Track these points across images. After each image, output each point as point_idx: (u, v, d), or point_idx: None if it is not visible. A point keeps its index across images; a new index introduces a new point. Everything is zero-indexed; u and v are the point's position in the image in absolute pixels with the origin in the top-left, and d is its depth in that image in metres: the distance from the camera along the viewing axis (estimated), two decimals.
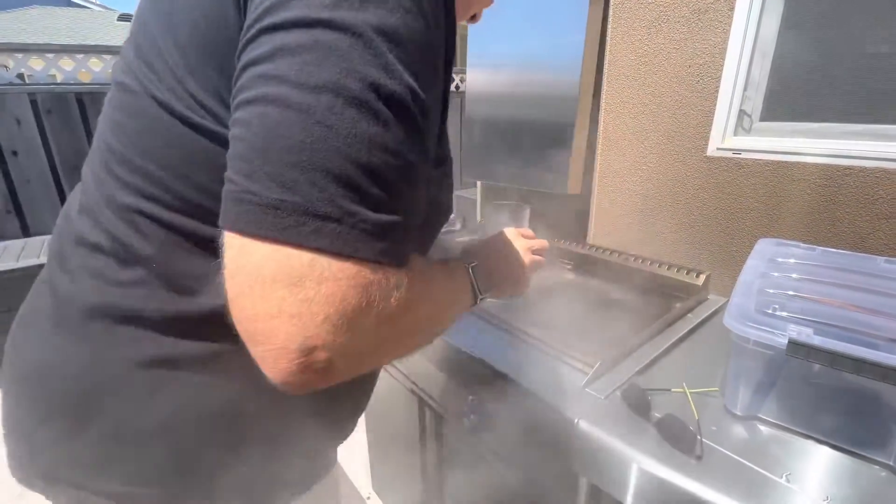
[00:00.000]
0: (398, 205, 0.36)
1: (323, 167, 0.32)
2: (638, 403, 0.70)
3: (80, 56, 3.39)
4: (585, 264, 1.32)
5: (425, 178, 0.41)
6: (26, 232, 3.26)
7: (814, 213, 1.06)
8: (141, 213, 0.45)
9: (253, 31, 0.35)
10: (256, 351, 0.35)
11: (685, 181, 1.26)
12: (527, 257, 0.72)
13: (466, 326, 0.95)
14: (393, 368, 1.27)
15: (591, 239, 1.56)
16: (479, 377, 0.85)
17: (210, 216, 0.38)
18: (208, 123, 0.41)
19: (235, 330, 0.35)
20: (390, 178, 0.35)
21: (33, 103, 3.14)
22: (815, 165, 1.04)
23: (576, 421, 0.69)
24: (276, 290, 0.32)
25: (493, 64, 1.64)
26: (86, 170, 0.53)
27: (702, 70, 1.17)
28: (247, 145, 0.34)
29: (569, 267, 1.34)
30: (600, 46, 1.37)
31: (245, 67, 0.35)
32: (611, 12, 1.33)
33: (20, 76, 3.17)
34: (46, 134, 3.22)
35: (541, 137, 1.51)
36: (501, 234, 0.74)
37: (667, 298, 1.11)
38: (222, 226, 0.35)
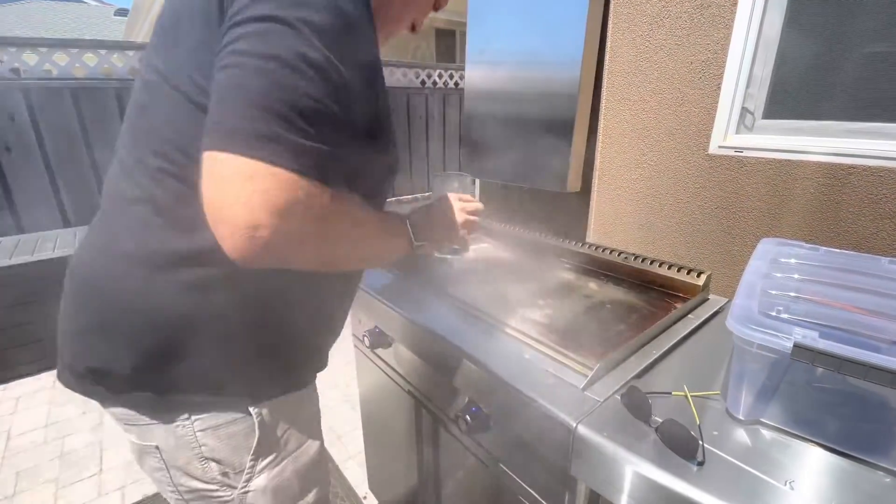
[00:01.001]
0: (321, 138, 0.52)
1: (267, 107, 0.49)
2: (638, 407, 0.69)
3: (74, 51, 3.35)
4: (584, 263, 1.30)
5: (352, 130, 0.58)
6: (20, 229, 3.23)
7: (817, 213, 1.05)
8: (162, 170, 0.61)
9: (228, 25, 0.53)
10: (219, 231, 0.50)
11: (686, 179, 1.24)
12: (461, 216, 0.88)
13: (465, 327, 0.94)
14: (389, 369, 1.26)
15: (590, 237, 1.54)
16: (476, 379, 0.84)
17: None
18: (205, 100, 0.54)
19: (221, 256, 0.51)
20: (314, 117, 0.51)
21: (27, 98, 3.11)
22: (819, 164, 1.03)
23: (574, 425, 0.67)
24: (232, 186, 0.48)
25: (492, 60, 1.62)
26: (119, 144, 0.68)
27: (704, 66, 1.15)
28: (218, 95, 0.51)
29: (567, 266, 1.33)
30: (601, 42, 1.36)
31: (222, 49, 0.52)
32: (611, 8, 1.31)
33: (14, 70, 3.14)
34: (40, 129, 3.19)
35: (540, 135, 1.49)
36: (442, 197, 0.91)
37: (667, 299, 1.10)
38: (202, 151, 0.50)
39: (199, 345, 0.63)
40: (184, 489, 0.72)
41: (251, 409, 0.69)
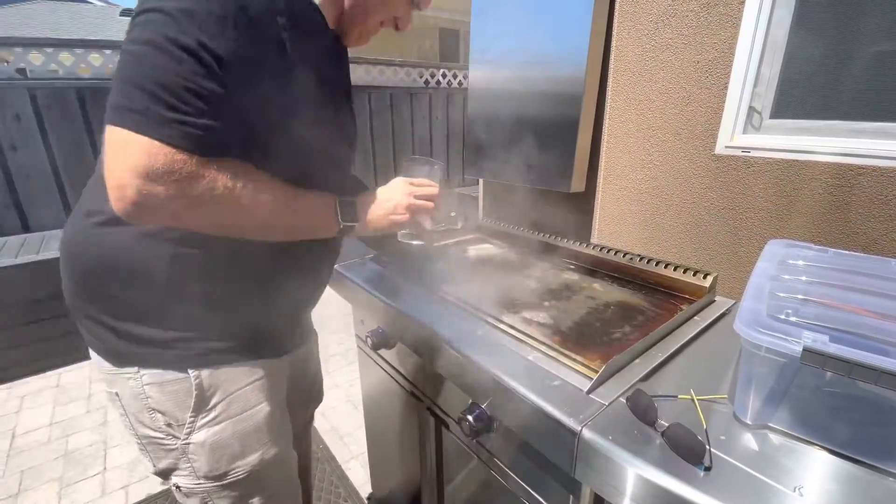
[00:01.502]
0: (191, 112, 0.59)
1: (139, 85, 0.57)
2: (644, 411, 0.68)
3: (80, 51, 3.37)
4: (588, 264, 1.30)
5: (237, 107, 0.63)
6: (26, 227, 3.25)
7: (825, 214, 1.04)
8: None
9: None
10: (108, 191, 0.60)
11: (692, 180, 1.23)
12: (406, 200, 0.87)
13: (468, 329, 0.93)
14: (392, 370, 1.25)
15: (594, 238, 1.53)
16: (480, 381, 0.83)
17: None
18: None
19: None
20: (183, 93, 0.58)
21: (33, 98, 3.12)
22: (827, 164, 1.01)
23: (579, 429, 0.66)
24: (111, 153, 0.59)
25: (495, 60, 1.61)
26: None
27: (711, 66, 1.14)
28: (114, 76, 0.60)
29: (572, 267, 1.32)
30: (606, 41, 1.34)
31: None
32: (617, 6, 1.30)
33: (20, 71, 3.15)
34: (46, 129, 3.20)
35: (544, 135, 1.48)
36: (391, 182, 0.91)
37: (672, 300, 1.09)
38: None
39: (144, 298, 0.74)
40: (140, 435, 0.82)
41: (190, 371, 0.77)
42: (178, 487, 0.84)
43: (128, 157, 0.58)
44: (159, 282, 0.73)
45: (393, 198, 0.87)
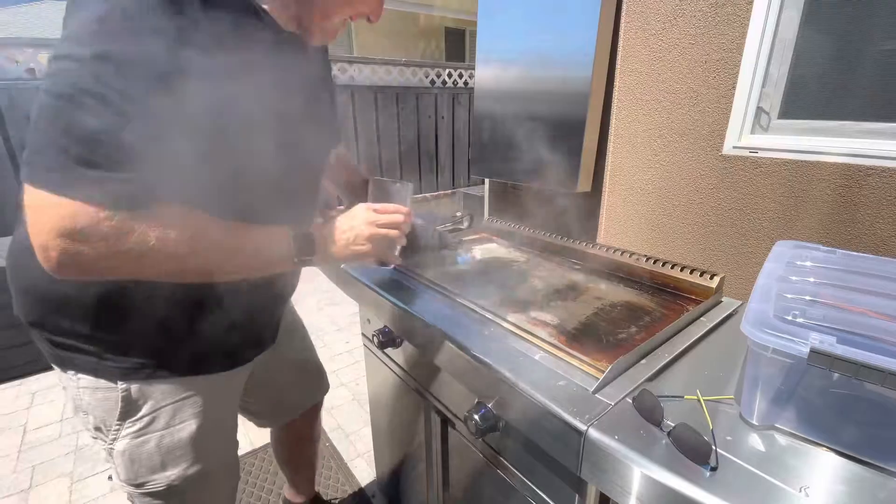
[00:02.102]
0: (109, 165, 0.55)
1: (55, 142, 0.54)
2: (650, 411, 0.68)
3: None
4: (595, 265, 1.30)
5: (163, 152, 0.59)
6: None
7: (833, 215, 1.03)
8: None
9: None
10: (34, 248, 0.58)
11: (699, 180, 1.23)
12: (368, 229, 0.84)
13: (474, 328, 0.94)
14: (399, 369, 1.26)
15: (600, 238, 1.53)
16: (486, 380, 0.84)
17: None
18: None
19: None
20: (99, 146, 0.55)
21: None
22: (836, 165, 1.01)
23: (585, 428, 0.67)
24: (31, 212, 0.56)
25: (502, 60, 1.61)
26: None
27: (719, 66, 1.14)
28: (29, 129, 0.56)
29: (577, 267, 1.32)
30: (613, 41, 1.34)
31: None
32: (624, 6, 1.30)
33: (29, 71, 3.18)
34: None
35: (550, 134, 1.48)
36: (353, 209, 0.87)
37: (679, 301, 1.09)
38: None
39: (78, 317, 0.75)
40: (83, 425, 0.86)
41: (119, 383, 0.79)
42: (110, 478, 0.91)
43: (49, 219, 0.55)
44: (91, 303, 0.74)
45: (354, 227, 0.84)
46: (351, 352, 2.89)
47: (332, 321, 3.21)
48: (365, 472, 1.95)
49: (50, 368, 2.69)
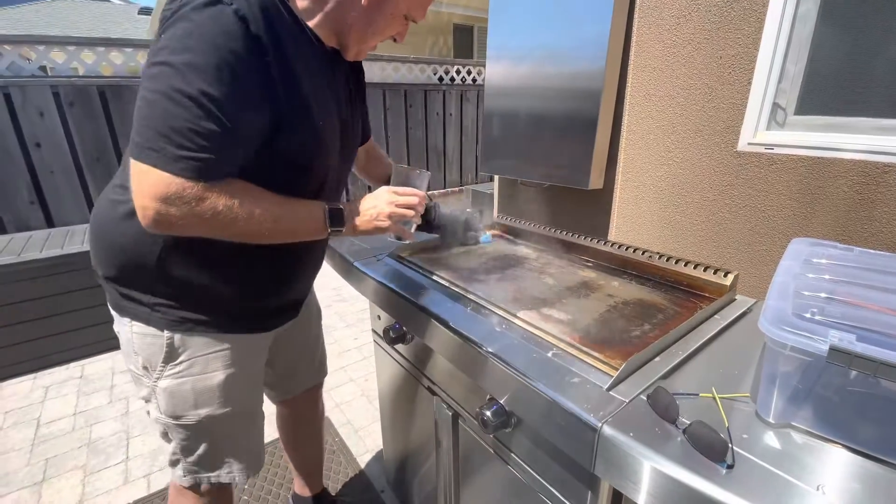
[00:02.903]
0: (193, 148, 0.72)
1: (155, 128, 0.72)
2: (665, 408, 0.68)
3: (101, 49, 3.43)
4: (607, 262, 1.29)
5: (236, 140, 0.77)
6: (50, 222, 3.33)
7: (850, 213, 1.02)
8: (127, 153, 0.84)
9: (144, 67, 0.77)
10: (136, 208, 0.76)
11: (713, 177, 1.22)
12: (388, 208, 0.98)
13: (486, 324, 0.94)
14: (409, 365, 1.27)
15: (612, 236, 1.53)
16: (498, 376, 0.84)
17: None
18: None
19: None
20: (188, 134, 0.72)
21: (56, 96, 3.19)
22: (853, 162, 1.00)
23: (600, 425, 0.67)
24: (135, 181, 0.75)
25: (513, 56, 1.60)
26: None
27: (734, 61, 1.13)
28: (134, 117, 0.75)
29: (589, 265, 1.31)
30: (626, 36, 1.33)
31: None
32: (637, 1, 1.29)
33: (42, 69, 3.22)
34: (69, 126, 3.27)
35: (562, 131, 1.48)
36: (377, 190, 1.02)
37: (692, 299, 1.08)
38: None
39: (141, 272, 0.92)
40: (130, 368, 1.03)
41: (165, 332, 0.96)
42: (149, 413, 1.06)
43: (148, 186, 0.73)
44: (151, 262, 0.91)
45: (377, 205, 0.98)
46: (360, 348, 2.90)
47: (341, 317, 3.22)
48: (374, 467, 1.96)
49: (61, 364, 2.74)
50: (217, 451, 1.09)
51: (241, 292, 0.99)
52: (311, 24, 0.88)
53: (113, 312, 1.01)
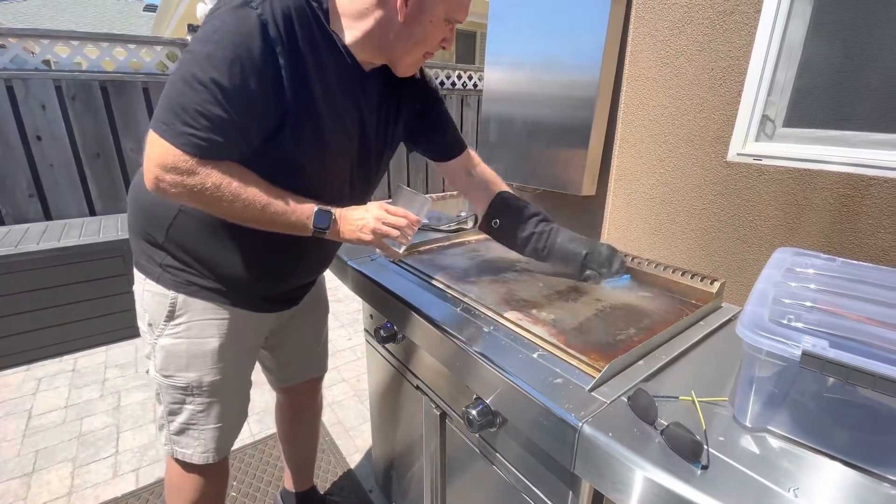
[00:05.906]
0: (197, 127, 0.79)
1: (169, 106, 0.80)
2: (644, 410, 0.69)
3: (104, 44, 3.44)
4: None
5: (237, 128, 0.82)
6: (48, 215, 3.33)
7: (835, 224, 1.04)
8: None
9: None
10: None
11: (703, 186, 1.24)
12: (374, 223, 0.98)
13: (474, 325, 0.95)
14: (399, 364, 1.28)
15: (603, 241, 1.54)
16: (484, 376, 0.85)
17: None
18: None
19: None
20: (194, 115, 0.79)
21: (58, 89, 3.20)
22: (839, 174, 1.01)
23: (580, 425, 0.68)
24: (149, 148, 0.82)
25: (510, 63, 1.63)
26: None
27: (725, 73, 1.15)
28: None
29: None
30: (621, 47, 1.36)
31: None
32: (633, 12, 1.31)
33: (46, 62, 3.23)
34: (70, 120, 3.28)
35: (556, 138, 1.50)
36: (370, 203, 1.04)
37: (679, 305, 1.10)
38: None
39: (159, 235, 1.01)
40: (140, 326, 1.11)
41: (171, 292, 1.03)
42: (148, 371, 1.12)
43: (154, 153, 0.82)
44: (165, 225, 1.00)
45: (365, 218, 0.99)
46: (353, 348, 2.91)
47: (335, 317, 3.23)
48: (363, 467, 1.97)
49: (55, 356, 2.74)
50: (191, 424, 1.14)
51: (245, 271, 1.04)
52: (348, 41, 0.92)
53: (135, 271, 1.10)
